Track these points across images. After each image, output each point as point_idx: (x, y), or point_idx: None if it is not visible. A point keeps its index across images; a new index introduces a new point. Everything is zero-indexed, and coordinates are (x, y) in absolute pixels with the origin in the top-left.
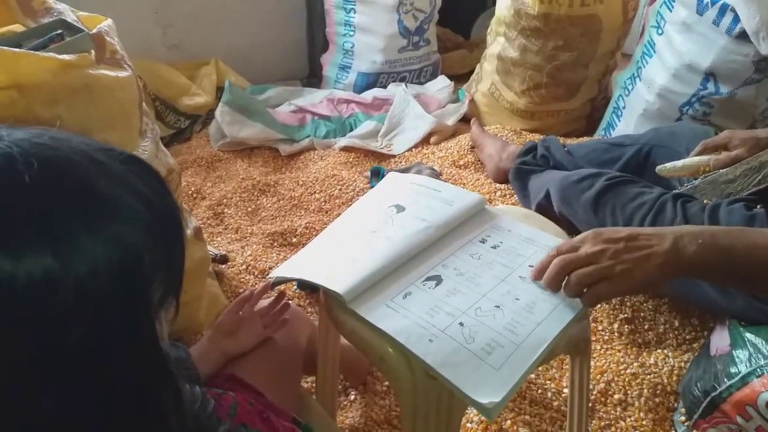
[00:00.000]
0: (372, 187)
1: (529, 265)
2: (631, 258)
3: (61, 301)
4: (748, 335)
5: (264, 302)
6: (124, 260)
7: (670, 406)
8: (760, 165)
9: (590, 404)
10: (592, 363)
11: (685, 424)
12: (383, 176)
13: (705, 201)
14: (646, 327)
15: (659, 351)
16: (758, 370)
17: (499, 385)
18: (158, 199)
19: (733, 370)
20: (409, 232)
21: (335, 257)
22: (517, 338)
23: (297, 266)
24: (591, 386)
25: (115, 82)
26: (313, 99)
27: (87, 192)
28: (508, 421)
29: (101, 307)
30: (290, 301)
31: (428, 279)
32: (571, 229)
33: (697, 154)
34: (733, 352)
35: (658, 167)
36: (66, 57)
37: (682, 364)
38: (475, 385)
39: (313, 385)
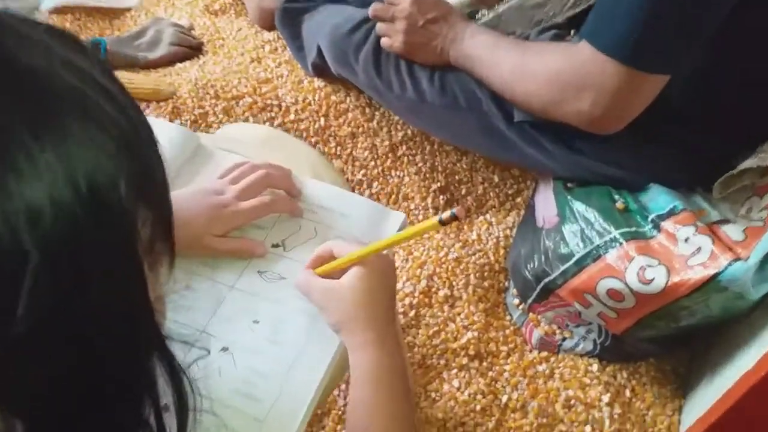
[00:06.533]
0: None
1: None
2: (419, 41)
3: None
4: (578, 206)
5: None
6: (94, 191)
7: (501, 287)
8: None
9: (414, 310)
10: (409, 255)
11: (520, 307)
12: (106, 51)
13: (511, 31)
14: (463, 191)
15: (481, 219)
16: (594, 251)
17: None
18: (120, 92)
19: (564, 251)
20: None
21: None
22: (261, 409)
23: None
24: (412, 288)
25: None
26: None
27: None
28: None
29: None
30: None
31: None
32: None
33: None
34: (563, 228)
35: None
36: None
37: (508, 232)
38: None
39: None
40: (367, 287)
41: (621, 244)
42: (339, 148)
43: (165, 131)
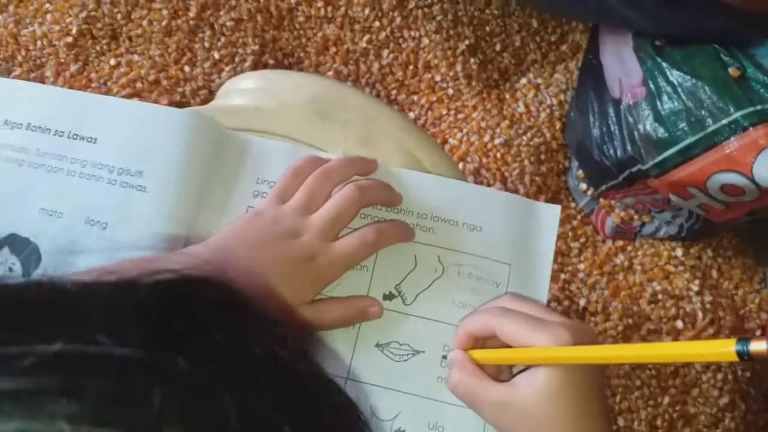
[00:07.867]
0: None
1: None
2: None
3: None
4: (676, 75)
5: None
6: None
7: (560, 169)
8: None
9: None
10: (444, 144)
11: (588, 193)
12: None
13: None
14: (498, 47)
15: (524, 82)
16: (706, 139)
17: None
18: None
19: (662, 135)
20: None
21: None
22: None
23: None
24: None
25: None
26: None
27: None
28: None
29: None
30: None
31: None
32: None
33: None
34: (657, 105)
35: None
36: None
37: (562, 97)
38: None
39: None
40: (573, 408)
41: (746, 129)
42: (330, 8)
43: (174, 122)
